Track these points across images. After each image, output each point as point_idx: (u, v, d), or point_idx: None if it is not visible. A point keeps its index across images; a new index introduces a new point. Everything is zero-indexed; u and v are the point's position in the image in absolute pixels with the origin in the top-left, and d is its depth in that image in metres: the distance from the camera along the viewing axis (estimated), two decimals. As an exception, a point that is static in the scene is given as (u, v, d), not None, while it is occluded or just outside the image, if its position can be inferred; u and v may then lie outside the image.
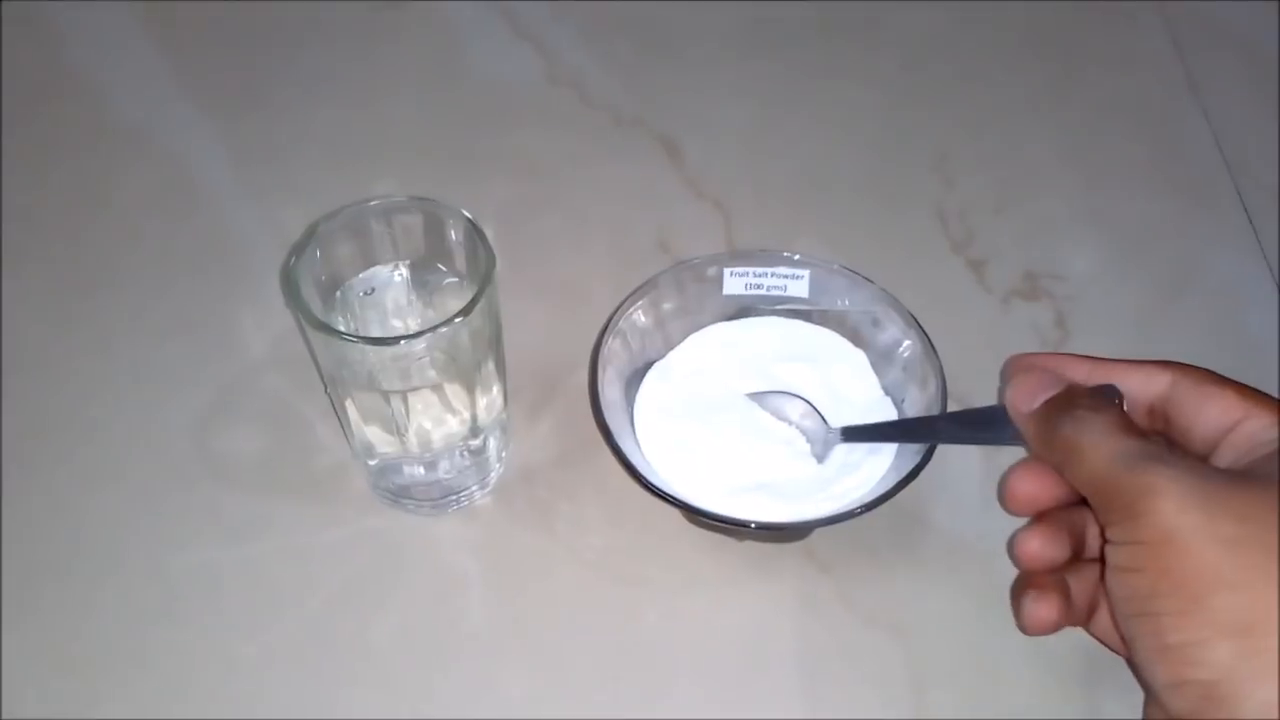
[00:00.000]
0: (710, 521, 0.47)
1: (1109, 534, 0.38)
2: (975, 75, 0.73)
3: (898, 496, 0.46)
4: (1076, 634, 0.48)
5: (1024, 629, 0.43)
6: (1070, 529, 0.43)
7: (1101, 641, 0.45)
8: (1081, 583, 0.44)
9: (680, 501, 0.47)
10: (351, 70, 0.73)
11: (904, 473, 0.47)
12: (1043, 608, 0.43)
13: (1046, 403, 0.42)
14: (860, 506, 0.46)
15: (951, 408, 0.50)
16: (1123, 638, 0.39)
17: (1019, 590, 0.44)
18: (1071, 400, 0.41)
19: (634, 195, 0.66)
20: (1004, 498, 0.44)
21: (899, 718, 0.47)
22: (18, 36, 0.74)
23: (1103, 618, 0.44)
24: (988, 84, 0.73)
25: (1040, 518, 0.44)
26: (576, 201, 0.66)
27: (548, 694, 0.48)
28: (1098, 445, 0.39)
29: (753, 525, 0.46)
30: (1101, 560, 0.41)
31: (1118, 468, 0.38)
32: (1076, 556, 0.44)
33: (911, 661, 0.48)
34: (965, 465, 0.54)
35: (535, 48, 0.73)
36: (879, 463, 0.50)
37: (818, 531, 0.51)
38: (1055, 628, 0.43)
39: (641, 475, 0.47)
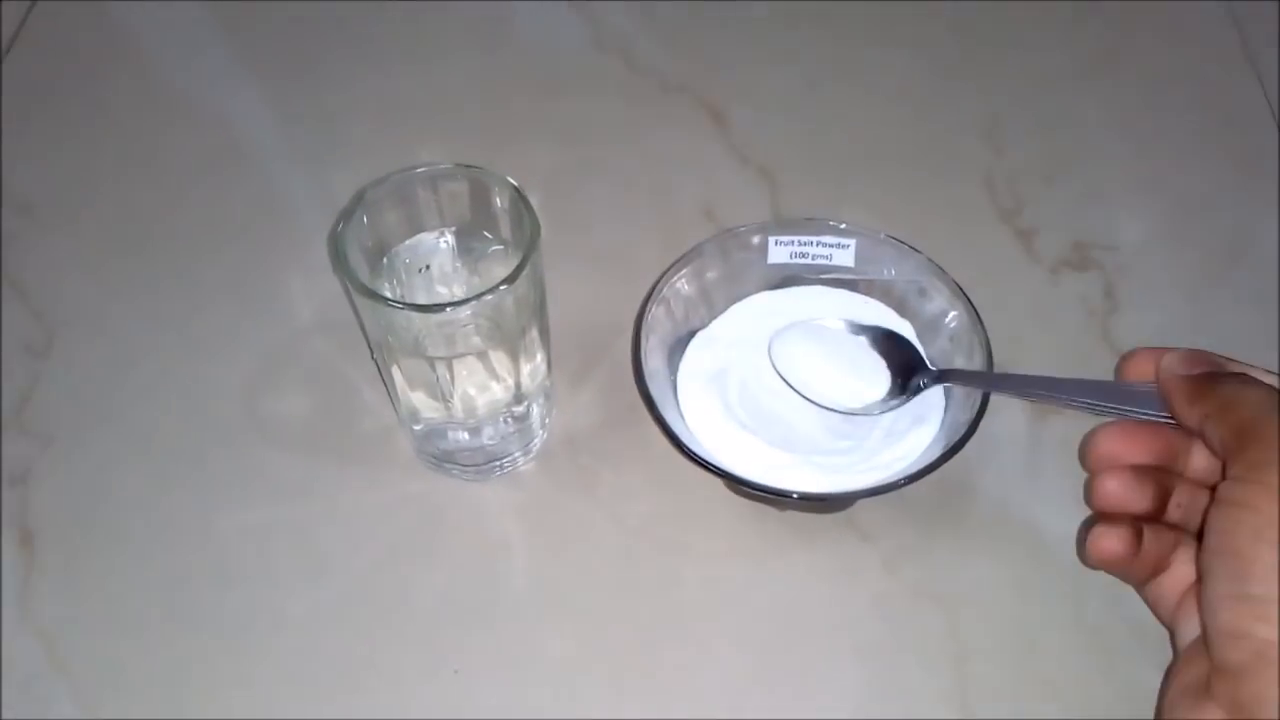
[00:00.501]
0: (752, 491, 0.47)
1: (1234, 470, 0.38)
2: (1026, 42, 0.72)
3: (942, 466, 0.46)
4: (1120, 606, 0.48)
5: (1086, 559, 0.43)
6: (1155, 484, 0.43)
7: (1151, 607, 0.44)
8: (1155, 542, 0.43)
9: (722, 471, 0.47)
10: (399, 36, 0.73)
11: (948, 444, 0.47)
12: (1112, 539, 0.42)
13: (1207, 371, 0.42)
14: (904, 478, 0.46)
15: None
16: (1198, 576, 0.39)
17: (1090, 524, 0.43)
18: (1232, 373, 0.42)
19: (679, 162, 0.66)
20: (1085, 453, 0.44)
21: (940, 687, 0.47)
22: (69, 4, 0.74)
23: (1163, 584, 0.43)
24: (1039, 51, 0.72)
25: (1124, 467, 0.44)
26: (622, 168, 0.65)
27: (587, 656, 0.48)
28: (1258, 397, 0.39)
29: (795, 495, 0.47)
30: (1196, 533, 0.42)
31: (1274, 414, 0.38)
32: (1156, 516, 0.43)
33: (953, 631, 0.49)
34: (1011, 435, 0.54)
35: (582, 14, 0.73)
36: (924, 433, 0.50)
37: (860, 501, 0.51)
38: (1118, 563, 0.43)
39: (684, 444, 0.47)
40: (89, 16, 0.74)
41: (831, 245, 0.54)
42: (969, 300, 0.51)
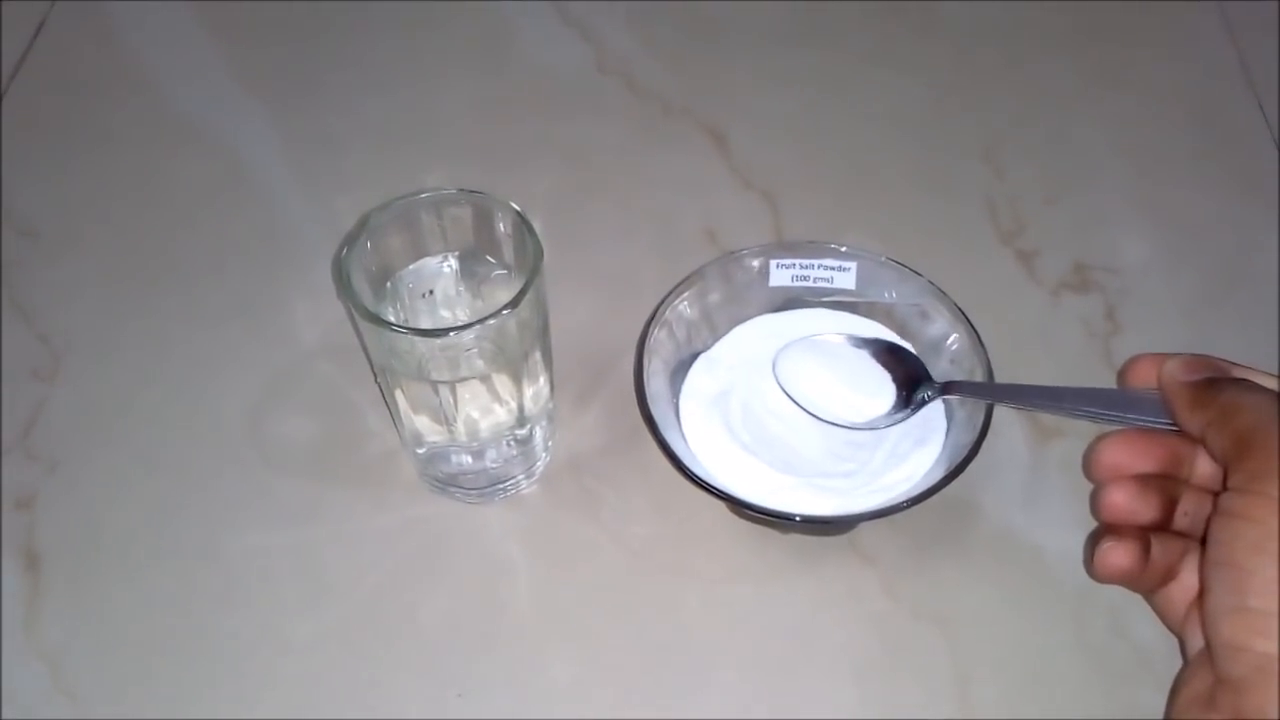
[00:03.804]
0: (755, 513, 0.47)
1: (1233, 482, 0.37)
2: (1026, 63, 0.73)
3: (944, 488, 0.46)
4: (1122, 628, 0.48)
5: (1094, 574, 0.42)
6: (1161, 493, 0.43)
7: (1159, 615, 0.44)
8: (1163, 552, 0.43)
9: (725, 493, 0.47)
10: (403, 59, 0.73)
11: (950, 466, 0.47)
12: (1119, 554, 0.42)
13: (1209, 377, 0.41)
14: (906, 501, 0.46)
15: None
16: (1201, 589, 0.39)
17: (1097, 537, 0.43)
18: (1235, 378, 0.41)
19: (681, 184, 0.66)
20: (1089, 464, 0.44)
21: (942, 710, 0.47)
22: (74, 28, 0.75)
23: (1171, 592, 0.43)
24: (1039, 72, 0.72)
25: (1130, 478, 0.43)
26: (624, 190, 0.66)
27: (591, 679, 0.48)
28: (1259, 405, 0.38)
29: (797, 518, 0.47)
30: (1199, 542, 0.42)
31: (1275, 423, 0.37)
32: (1163, 525, 0.43)
33: (956, 654, 0.49)
34: (1012, 457, 0.54)
35: (584, 36, 0.74)
36: (926, 455, 0.50)
37: (864, 523, 0.51)
38: (1126, 578, 0.42)
39: (686, 467, 0.47)
40: (94, 42, 0.74)
41: (833, 268, 0.54)
42: (970, 323, 0.51)
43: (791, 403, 0.52)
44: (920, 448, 0.50)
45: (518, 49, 0.74)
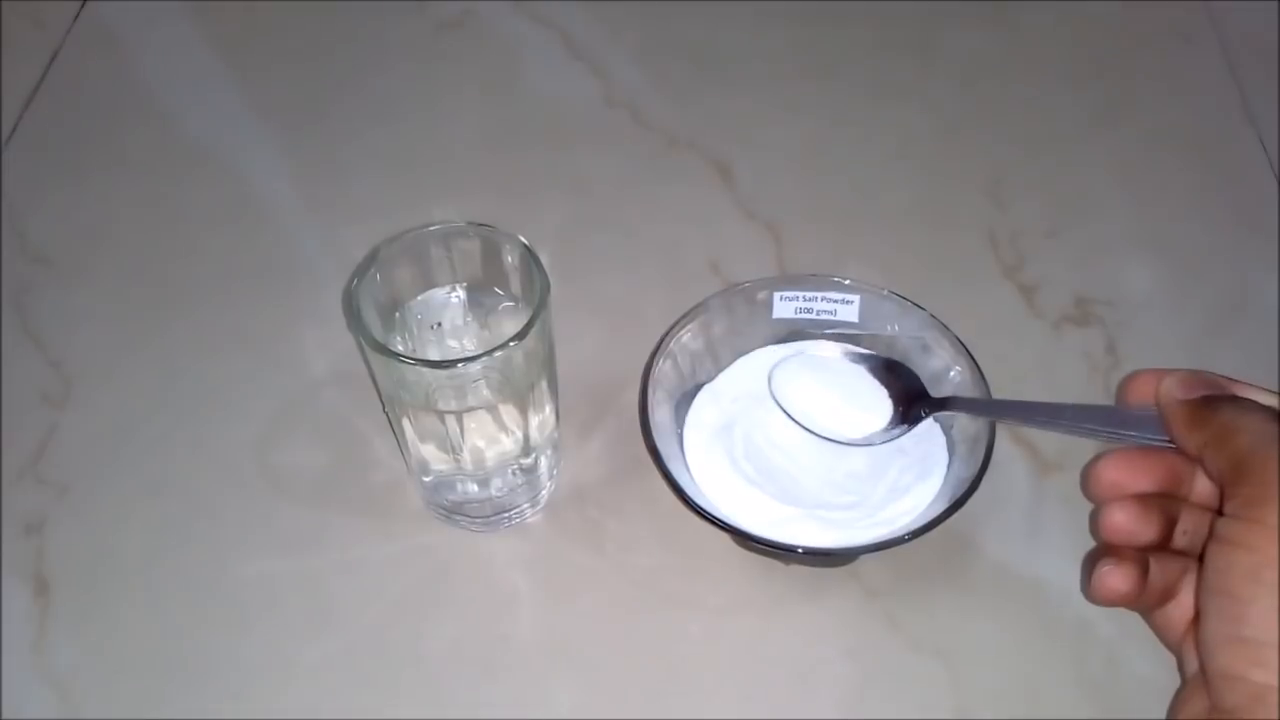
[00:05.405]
0: (758, 545, 0.48)
1: (1230, 507, 0.37)
2: (1029, 98, 0.73)
3: (945, 521, 0.47)
4: (1121, 662, 0.49)
5: (1091, 596, 0.42)
6: (1161, 513, 0.42)
7: (1157, 634, 0.44)
8: (1161, 572, 0.42)
9: (728, 525, 0.47)
10: (412, 90, 0.74)
11: (952, 499, 0.47)
12: (1117, 577, 0.41)
13: (1206, 395, 0.41)
14: (908, 533, 0.46)
15: (1000, 434, 0.50)
16: (1197, 612, 0.38)
17: (1095, 558, 0.42)
18: (1233, 396, 0.41)
19: (686, 217, 0.67)
20: (1087, 483, 0.44)
21: (942, 742, 0.48)
22: (87, 56, 0.76)
23: (1170, 612, 0.43)
24: (1041, 107, 0.73)
25: (1130, 497, 0.43)
26: (629, 222, 0.66)
27: (594, 708, 0.48)
28: (1257, 426, 0.38)
29: (800, 550, 0.47)
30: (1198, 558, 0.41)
31: (1273, 447, 0.37)
32: (1163, 544, 0.43)
33: (956, 687, 0.49)
34: (1013, 491, 0.54)
35: (592, 70, 0.74)
36: (927, 488, 0.50)
37: (865, 555, 0.51)
38: (1125, 601, 0.42)
39: (690, 499, 0.48)
40: (106, 71, 0.75)
41: (836, 301, 0.55)
42: (971, 356, 0.51)
43: (788, 419, 0.52)
44: (922, 481, 0.50)
45: (526, 81, 0.75)
